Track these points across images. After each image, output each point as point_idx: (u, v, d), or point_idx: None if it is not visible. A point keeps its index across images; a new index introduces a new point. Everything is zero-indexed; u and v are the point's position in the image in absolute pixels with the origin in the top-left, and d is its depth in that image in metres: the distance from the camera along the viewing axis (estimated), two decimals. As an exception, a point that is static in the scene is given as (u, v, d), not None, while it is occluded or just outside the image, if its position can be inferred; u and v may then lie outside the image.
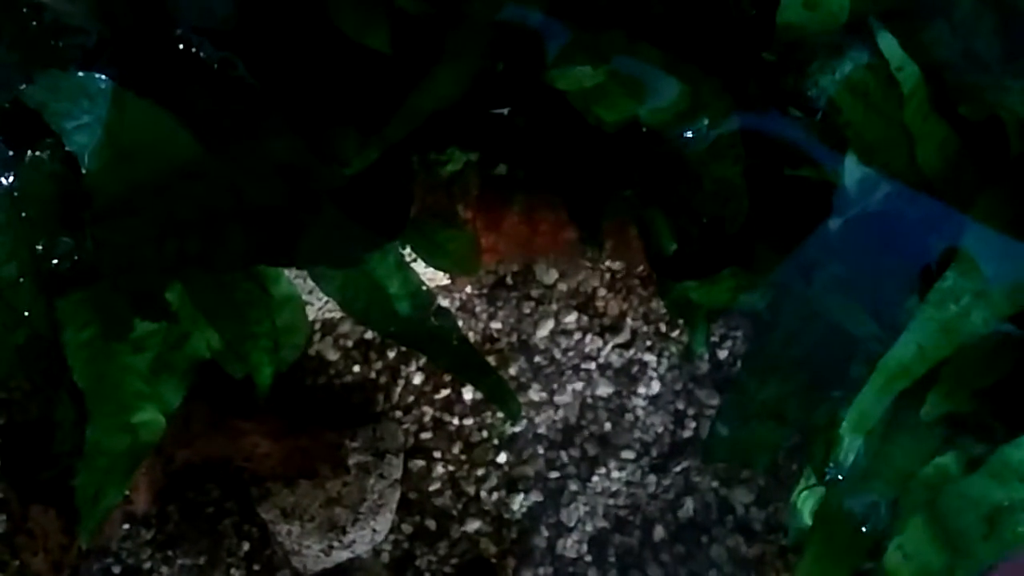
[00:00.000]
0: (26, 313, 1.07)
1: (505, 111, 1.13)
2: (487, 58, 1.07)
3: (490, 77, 1.08)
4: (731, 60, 1.06)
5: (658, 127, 1.06)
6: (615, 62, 1.03)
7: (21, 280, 1.06)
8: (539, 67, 1.04)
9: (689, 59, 1.05)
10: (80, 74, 1.03)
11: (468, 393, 1.47)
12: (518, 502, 1.42)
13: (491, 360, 1.46)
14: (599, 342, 1.47)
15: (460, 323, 1.46)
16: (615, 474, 1.43)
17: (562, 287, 1.48)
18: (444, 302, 1.44)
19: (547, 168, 1.19)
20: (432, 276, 1.38)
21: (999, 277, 1.00)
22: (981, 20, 1.09)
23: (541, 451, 1.44)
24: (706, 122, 1.04)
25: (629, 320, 1.48)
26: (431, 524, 1.42)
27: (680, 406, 1.45)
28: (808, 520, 1.15)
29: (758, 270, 1.13)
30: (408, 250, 1.25)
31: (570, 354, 1.47)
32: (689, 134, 1.06)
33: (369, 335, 1.50)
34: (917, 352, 0.99)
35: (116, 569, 1.41)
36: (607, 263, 1.48)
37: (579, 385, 1.46)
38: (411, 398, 1.48)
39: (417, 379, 1.48)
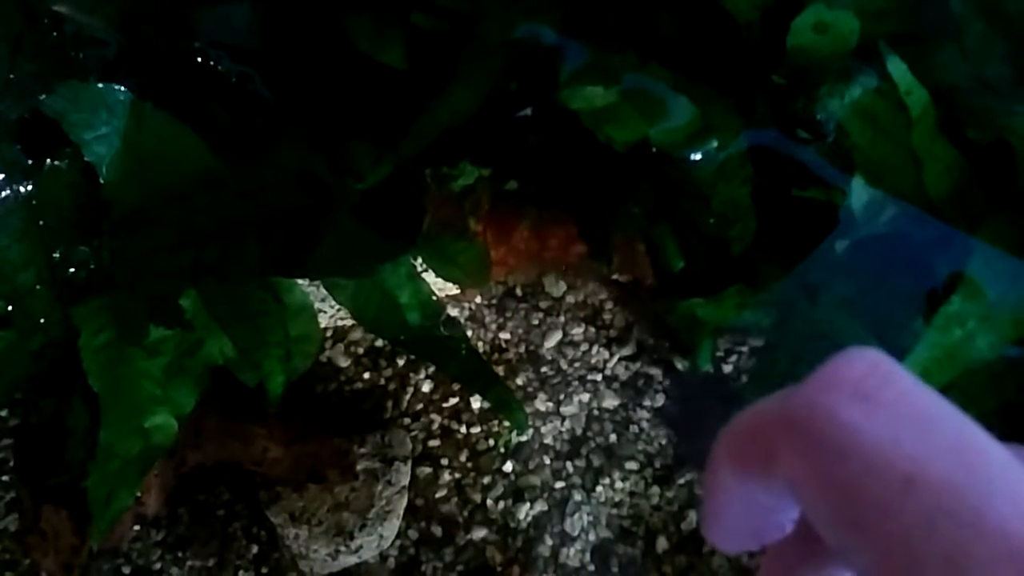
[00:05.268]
0: (42, 320, 1.08)
1: (517, 127, 1.14)
2: (500, 77, 1.08)
3: (503, 95, 1.09)
4: (741, 82, 1.07)
5: (668, 147, 1.07)
6: (627, 83, 1.05)
7: (38, 288, 1.07)
8: (552, 86, 1.05)
9: (700, 81, 1.06)
10: (100, 85, 1.05)
11: (476, 402, 1.48)
12: (523, 511, 1.43)
13: (499, 370, 1.47)
14: (606, 354, 1.48)
15: (469, 333, 1.48)
16: (619, 485, 1.44)
17: (570, 299, 1.49)
18: (453, 311, 1.45)
19: (558, 184, 1.20)
20: (442, 286, 1.40)
21: (1004, 301, 1.01)
22: (991, 45, 1.10)
23: (547, 461, 1.45)
24: (715, 144, 1.05)
25: (635, 333, 1.49)
26: (437, 531, 1.44)
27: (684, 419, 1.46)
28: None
29: (764, 289, 1.14)
30: (419, 260, 1.26)
31: (577, 365, 1.48)
32: (698, 155, 1.07)
33: (379, 343, 1.51)
34: (921, 376, 0.99)
35: (126, 570, 1.42)
36: (615, 276, 1.49)
37: (585, 396, 1.47)
38: (420, 405, 1.49)
39: (426, 387, 1.50)
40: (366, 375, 1.50)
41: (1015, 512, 0.22)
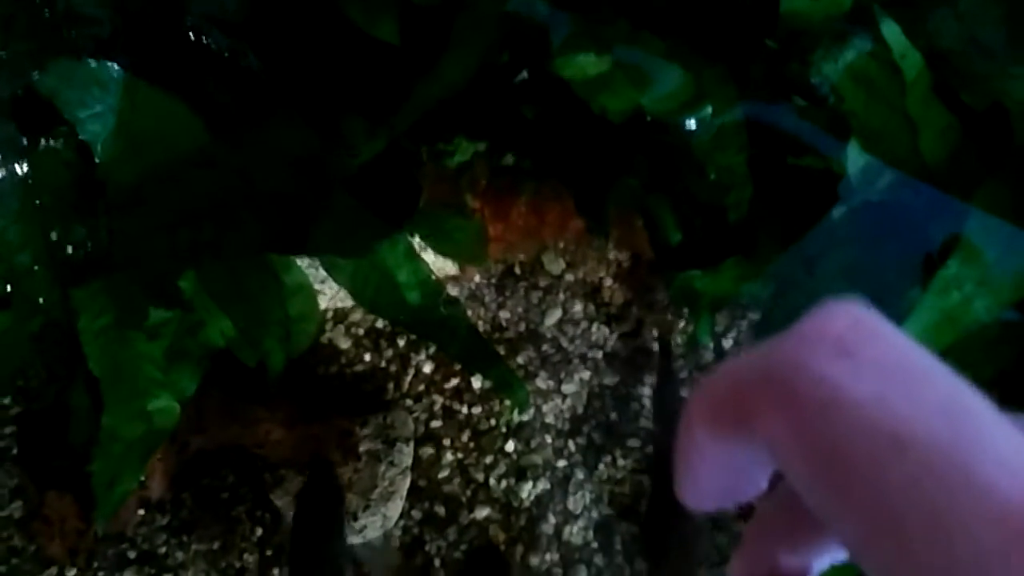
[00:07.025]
0: (41, 301, 1.08)
1: (512, 100, 1.14)
2: (493, 47, 1.08)
3: (496, 67, 1.09)
4: (735, 48, 1.07)
5: (662, 116, 1.07)
6: (619, 51, 1.04)
7: (36, 268, 1.07)
8: (544, 56, 1.05)
9: (693, 47, 1.05)
10: (93, 63, 1.04)
11: (477, 382, 1.48)
12: (526, 490, 1.43)
13: (500, 349, 1.47)
14: (606, 331, 1.48)
15: (469, 312, 1.47)
16: (621, 462, 1.44)
17: (569, 277, 1.49)
18: (453, 291, 1.45)
19: (554, 157, 1.20)
20: (442, 266, 1.40)
21: (1002, 264, 1.00)
22: (985, 8, 1.09)
23: (549, 440, 1.45)
24: (710, 111, 1.05)
25: (635, 309, 1.49)
26: (440, 510, 1.44)
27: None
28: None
29: (761, 259, 1.13)
30: (418, 240, 1.26)
31: (577, 342, 1.48)
32: (693, 124, 1.06)
33: (380, 324, 1.51)
34: (919, 340, 0.98)
35: (131, 554, 1.42)
36: (613, 252, 1.49)
37: (586, 374, 1.47)
38: (421, 386, 1.49)
39: (427, 367, 1.50)
40: (367, 356, 1.50)
41: (1003, 473, 0.21)
